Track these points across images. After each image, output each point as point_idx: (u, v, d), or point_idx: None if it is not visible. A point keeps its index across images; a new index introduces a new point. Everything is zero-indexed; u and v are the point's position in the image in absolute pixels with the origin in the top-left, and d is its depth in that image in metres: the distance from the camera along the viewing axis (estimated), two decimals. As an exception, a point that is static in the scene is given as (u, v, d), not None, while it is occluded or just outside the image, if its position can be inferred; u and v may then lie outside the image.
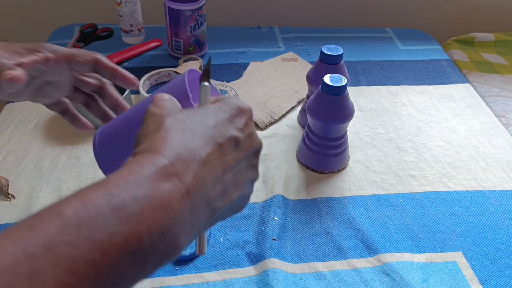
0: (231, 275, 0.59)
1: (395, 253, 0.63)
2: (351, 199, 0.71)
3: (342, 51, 0.77)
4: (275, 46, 1.11)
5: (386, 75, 1.02)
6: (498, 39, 1.22)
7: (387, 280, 0.59)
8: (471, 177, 0.76)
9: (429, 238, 0.66)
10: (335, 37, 1.16)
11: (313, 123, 0.73)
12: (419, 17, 1.33)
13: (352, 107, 0.72)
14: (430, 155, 0.81)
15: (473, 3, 1.32)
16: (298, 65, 1.02)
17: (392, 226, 0.67)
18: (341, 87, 0.68)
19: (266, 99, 0.90)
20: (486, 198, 0.73)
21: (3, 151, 0.76)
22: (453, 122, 0.89)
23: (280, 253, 0.62)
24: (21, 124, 0.83)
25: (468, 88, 1.00)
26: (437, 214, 0.69)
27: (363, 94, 0.95)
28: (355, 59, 1.08)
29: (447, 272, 0.61)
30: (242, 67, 1.00)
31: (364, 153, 0.80)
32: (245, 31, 1.16)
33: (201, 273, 0.59)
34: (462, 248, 0.64)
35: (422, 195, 0.73)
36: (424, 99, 0.95)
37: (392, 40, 1.17)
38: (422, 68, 1.06)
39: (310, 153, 0.75)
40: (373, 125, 0.87)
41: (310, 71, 0.81)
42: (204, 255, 0.61)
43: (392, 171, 0.77)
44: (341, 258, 0.62)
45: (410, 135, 0.85)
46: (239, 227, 0.65)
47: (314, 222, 0.67)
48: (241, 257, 0.61)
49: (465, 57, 1.15)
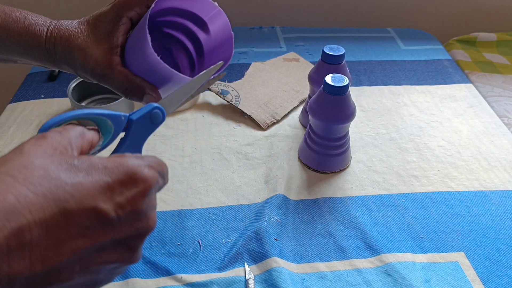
0: (234, 273, 0.59)
1: (397, 253, 0.63)
2: (352, 199, 0.71)
3: (344, 51, 0.77)
4: (277, 46, 1.11)
5: (388, 75, 1.02)
6: (500, 39, 1.21)
7: (389, 280, 0.59)
8: (473, 177, 0.76)
9: (431, 238, 0.66)
10: (337, 37, 1.16)
11: (314, 123, 0.73)
12: (421, 17, 1.33)
13: (354, 107, 0.72)
14: (432, 155, 0.81)
15: (475, 3, 1.32)
16: (299, 65, 1.02)
17: (394, 227, 0.67)
18: (343, 87, 0.68)
19: (268, 99, 0.90)
20: (488, 198, 0.73)
21: (5, 151, 0.76)
22: (455, 122, 0.89)
23: (282, 253, 0.62)
24: (23, 124, 0.83)
25: (470, 88, 1.00)
26: (439, 214, 0.69)
27: (365, 94, 0.95)
28: (357, 59, 1.08)
29: (449, 272, 0.61)
30: (244, 67, 1.00)
31: (366, 153, 0.80)
32: (246, 31, 1.16)
33: (205, 274, 0.59)
34: (464, 248, 0.64)
35: (424, 195, 0.73)
36: (426, 99, 0.95)
37: (394, 40, 1.17)
38: (424, 68, 1.06)
39: (312, 153, 0.74)
40: (375, 125, 0.87)
41: (312, 71, 0.81)
42: (206, 256, 0.61)
43: (394, 171, 0.77)
44: (343, 258, 0.62)
45: (412, 135, 0.85)
46: (240, 227, 0.65)
47: (315, 222, 0.67)
48: (243, 256, 0.61)
49: (467, 57, 1.15)
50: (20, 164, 0.27)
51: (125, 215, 0.29)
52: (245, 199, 0.70)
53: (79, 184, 0.28)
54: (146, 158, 0.32)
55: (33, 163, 0.27)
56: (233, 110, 0.88)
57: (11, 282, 0.25)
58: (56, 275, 0.27)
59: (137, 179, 0.30)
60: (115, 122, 0.38)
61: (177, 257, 0.61)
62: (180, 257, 0.61)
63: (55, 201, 0.26)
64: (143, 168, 0.31)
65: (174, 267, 0.59)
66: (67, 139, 0.31)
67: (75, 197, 0.27)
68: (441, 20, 1.34)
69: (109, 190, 0.29)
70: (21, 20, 0.52)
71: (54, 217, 0.26)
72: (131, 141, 0.39)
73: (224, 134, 0.83)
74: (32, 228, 0.26)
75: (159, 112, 0.41)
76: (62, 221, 0.27)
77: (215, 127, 0.84)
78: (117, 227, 0.29)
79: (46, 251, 0.26)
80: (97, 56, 0.51)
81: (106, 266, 0.30)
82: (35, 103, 0.88)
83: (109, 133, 0.38)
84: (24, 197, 0.26)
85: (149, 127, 0.40)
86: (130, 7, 0.52)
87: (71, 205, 0.27)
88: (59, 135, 0.31)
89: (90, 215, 0.28)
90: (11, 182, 0.26)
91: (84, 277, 0.29)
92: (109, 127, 0.38)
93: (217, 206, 0.69)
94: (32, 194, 0.26)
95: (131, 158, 0.31)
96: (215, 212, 0.68)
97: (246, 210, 0.68)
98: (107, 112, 0.37)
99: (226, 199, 0.70)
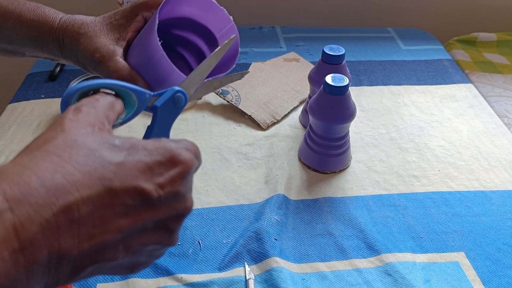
0: (234, 273, 0.59)
1: (397, 253, 0.63)
2: (353, 199, 0.71)
3: (344, 51, 0.77)
4: (277, 46, 1.11)
5: (388, 75, 1.02)
6: (501, 39, 1.21)
7: (389, 280, 0.59)
8: (473, 177, 0.76)
9: (431, 238, 0.66)
10: (337, 37, 1.16)
11: (314, 123, 0.73)
12: (421, 17, 1.33)
13: (354, 107, 0.72)
14: (432, 155, 0.80)
15: (475, 3, 1.32)
16: (300, 65, 1.02)
17: (394, 227, 0.67)
18: (343, 87, 0.68)
19: (268, 99, 0.90)
20: (489, 198, 0.73)
21: (5, 151, 0.76)
22: (455, 122, 0.89)
23: (282, 253, 0.62)
24: (23, 124, 0.83)
25: (471, 88, 1.00)
26: (439, 215, 0.69)
27: (365, 94, 0.95)
28: (357, 59, 1.08)
29: (449, 272, 0.61)
30: (244, 67, 1.00)
31: (366, 153, 0.80)
32: (246, 31, 1.16)
33: (205, 274, 0.59)
34: (464, 248, 0.64)
35: (424, 195, 0.73)
36: (426, 99, 0.95)
37: (394, 40, 1.17)
38: (424, 68, 1.06)
39: (312, 153, 0.75)
40: (375, 125, 0.87)
41: (312, 71, 0.81)
42: (206, 256, 0.61)
43: (394, 171, 0.77)
44: (343, 258, 0.62)
45: (412, 135, 0.85)
46: (240, 227, 0.65)
47: (315, 222, 0.67)
48: (243, 256, 0.61)
49: (467, 57, 1.15)
50: (64, 143, 0.28)
51: (166, 196, 0.30)
52: (245, 199, 0.70)
53: (122, 164, 0.28)
54: (181, 141, 0.33)
55: (76, 142, 0.28)
56: (233, 110, 0.88)
57: (60, 259, 0.26)
58: (101, 254, 0.28)
59: (176, 161, 0.30)
60: (140, 98, 0.38)
61: (177, 257, 0.61)
62: (180, 257, 0.61)
63: (101, 180, 0.27)
64: (181, 150, 0.31)
65: (174, 267, 0.59)
66: (102, 113, 0.32)
67: (119, 176, 0.28)
68: (441, 20, 1.34)
69: (150, 170, 0.29)
70: (35, 9, 0.55)
71: (100, 195, 0.27)
72: (158, 128, 0.39)
73: (224, 134, 0.83)
74: (80, 206, 0.26)
75: (182, 96, 0.41)
76: (107, 199, 0.27)
77: (215, 127, 0.84)
78: (157, 207, 0.29)
79: (93, 228, 0.27)
80: (101, 43, 0.52)
81: (147, 248, 0.30)
82: (35, 103, 0.88)
83: (132, 108, 0.38)
84: (71, 176, 0.26)
85: (174, 112, 0.41)
86: (147, 8, 0.54)
87: (116, 184, 0.27)
88: (93, 109, 0.32)
89: (133, 194, 0.28)
90: (58, 161, 0.27)
91: (126, 258, 0.29)
92: (133, 102, 0.38)
93: (217, 206, 0.69)
94: (79, 173, 0.26)
95: (168, 141, 0.32)
96: (215, 212, 0.68)
97: (246, 210, 0.68)
98: (133, 87, 0.37)
99: (226, 199, 0.70)
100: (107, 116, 0.33)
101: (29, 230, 0.24)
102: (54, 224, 0.25)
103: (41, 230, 0.25)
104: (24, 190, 0.25)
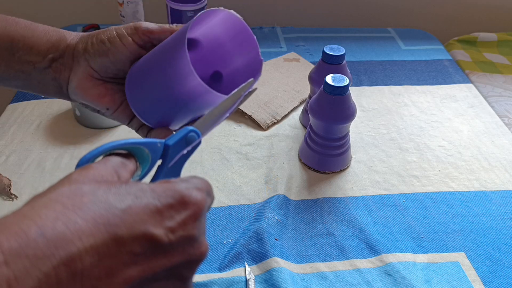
0: (234, 273, 0.59)
1: (397, 253, 0.63)
2: (353, 199, 0.71)
3: (344, 51, 0.77)
4: (277, 46, 1.11)
5: (388, 75, 1.02)
6: (501, 39, 1.21)
7: (389, 280, 0.59)
8: (474, 178, 0.76)
9: (432, 238, 0.66)
10: (337, 37, 1.16)
11: (315, 123, 0.73)
12: (421, 17, 1.33)
13: (354, 107, 0.72)
14: (432, 155, 0.80)
15: (475, 3, 1.32)
16: (300, 65, 1.02)
17: (394, 227, 0.67)
18: (343, 87, 0.68)
19: (268, 100, 0.90)
20: (489, 198, 0.73)
21: (5, 151, 0.76)
22: (456, 122, 0.89)
23: (282, 253, 0.62)
24: (24, 124, 0.83)
25: (471, 88, 1.00)
26: (440, 215, 0.69)
27: (365, 94, 0.95)
28: (357, 59, 1.08)
29: (450, 272, 0.61)
30: (244, 67, 1.00)
31: (366, 153, 0.80)
32: (247, 31, 1.16)
33: (205, 274, 0.59)
34: (464, 248, 0.64)
35: (425, 195, 0.73)
36: (426, 99, 0.95)
37: (394, 40, 1.17)
38: (425, 68, 1.06)
39: (312, 153, 0.75)
40: (375, 125, 0.87)
41: (312, 71, 0.81)
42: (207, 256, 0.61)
43: (394, 172, 0.77)
44: (343, 258, 0.62)
45: (413, 135, 0.85)
46: (240, 227, 0.66)
47: (316, 223, 0.67)
48: (244, 256, 0.61)
49: (467, 57, 1.15)
50: (69, 191, 0.27)
51: (177, 240, 0.27)
52: (246, 199, 0.70)
53: (128, 208, 0.26)
54: (191, 180, 0.31)
55: (81, 189, 0.27)
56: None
57: None
58: None
59: (187, 202, 0.28)
60: (152, 150, 0.36)
61: (178, 257, 0.61)
62: (180, 257, 0.61)
63: (105, 226, 0.25)
64: (191, 191, 0.29)
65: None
66: (111, 168, 0.31)
67: (126, 221, 0.26)
68: (441, 20, 1.34)
69: (159, 214, 0.27)
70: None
71: (105, 244, 0.25)
72: (169, 168, 0.38)
73: (224, 134, 0.83)
74: (83, 256, 0.24)
75: (195, 135, 0.39)
76: (113, 248, 0.25)
77: (215, 127, 0.84)
78: (169, 254, 0.27)
79: (98, 281, 0.25)
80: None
81: None
82: (35, 103, 0.88)
83: (147, 162, 0.37)
84: (73, 224, 0.24)
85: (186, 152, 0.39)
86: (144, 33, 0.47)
87: (122, 230, 0.25)
88: (103, 165, 0.31)
89: (142, 240, 0.26)
90: (61, 209, 0.25)
91: None
92: (146, 156, 0.36)
93: (217, 206, 0.69)
94: (82, 220, 0.25)
95: (177, 182, 0.30)
96: (216, 212, 0.68)
97: (246, 210, 0.68)
98: (143, 141, 0.36)
99: (226, 199, 0.70)
100: (117, 171, 0.31)
101: (25, 285, 0.22)
102: (53, 278, 0.23)
103: (38, 285, 0.23)
104: (22, 241, 0.23)
